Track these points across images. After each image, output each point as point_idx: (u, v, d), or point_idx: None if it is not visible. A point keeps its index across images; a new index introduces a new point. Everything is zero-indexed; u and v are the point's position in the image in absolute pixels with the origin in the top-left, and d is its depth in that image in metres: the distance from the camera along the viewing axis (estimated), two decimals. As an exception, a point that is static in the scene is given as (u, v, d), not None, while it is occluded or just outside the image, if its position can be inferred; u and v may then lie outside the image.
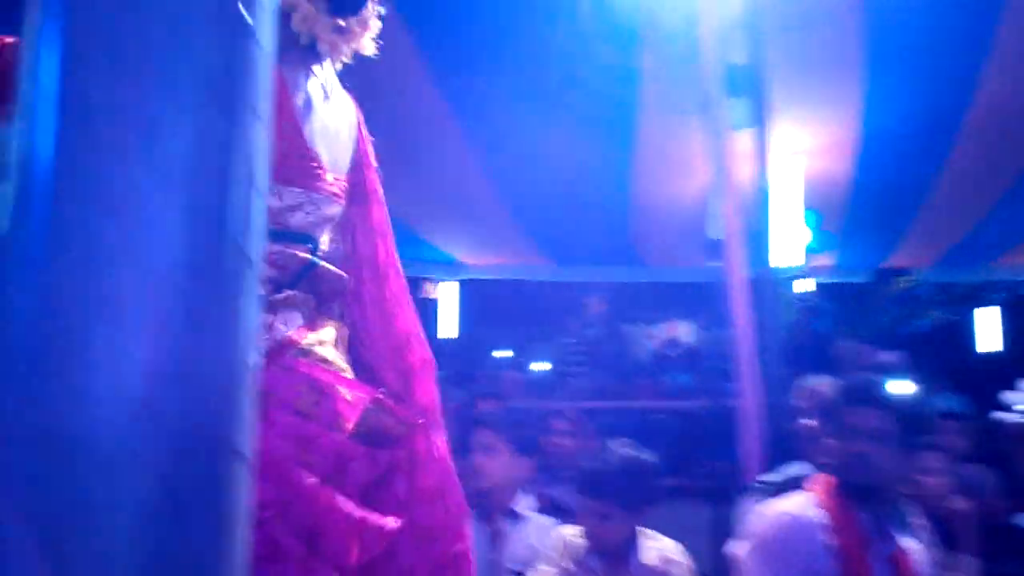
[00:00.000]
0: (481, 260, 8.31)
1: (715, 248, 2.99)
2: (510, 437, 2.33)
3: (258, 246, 0.50)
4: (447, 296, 7.73)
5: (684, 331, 7.02)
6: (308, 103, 1.21)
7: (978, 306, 6.71)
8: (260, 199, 0.50)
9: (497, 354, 7.58)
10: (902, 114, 4.48)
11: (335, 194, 1.25)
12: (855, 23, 3.67)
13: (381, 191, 1.36)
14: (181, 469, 0.45)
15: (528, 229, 7.18)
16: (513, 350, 7.75)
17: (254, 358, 0.50)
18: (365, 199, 1.32)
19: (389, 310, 1.30)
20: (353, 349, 1.26)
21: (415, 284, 7.97)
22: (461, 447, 2.51)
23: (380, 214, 1.33)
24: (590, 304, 7.53)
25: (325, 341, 1.19)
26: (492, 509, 2.31)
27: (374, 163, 1.35)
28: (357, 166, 1.32)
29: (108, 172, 0.45)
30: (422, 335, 1.33)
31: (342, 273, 1.25)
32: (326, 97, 1.26)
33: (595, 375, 5.99)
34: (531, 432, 2.54)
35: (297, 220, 1.19)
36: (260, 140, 0.51)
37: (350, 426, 1.10)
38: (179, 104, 0.46)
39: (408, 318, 1.31)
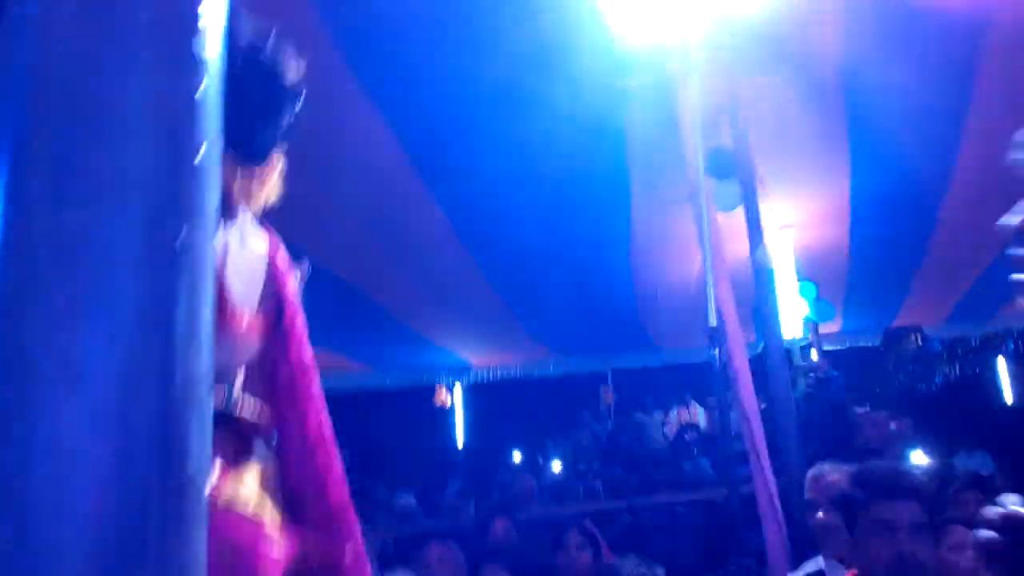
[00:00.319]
0: (489, 361, 8.28)
1: (717, 335, 2.95)
2: (520, 563, 2.25)
3: (210, 271, 0.49)
4: (457, 401, 7.64)
5: (699, 414, 6.89)
6: (225, 250, 1.22)
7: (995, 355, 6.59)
8: (211, 234, 0.48)
9: (512, 459, 7.40)
10: (889, 179, 4.54)
11: (248, 336, 1.24)
12: (836, 99, 3.76)
13: (301, 324, 1.35)
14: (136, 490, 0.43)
15: (533, 326, 7.19)
16: (526, 450, 7.59)
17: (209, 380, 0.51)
18: (284, 335, 1.30)
19: (309, 447, 1.27)
20: (282, 481, 1.24)
21: (428, 393, 7.90)
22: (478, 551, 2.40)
23: (300, 348, 1.32)
24: (601, 395, 7.43)
25: (247, 486, 1.15)
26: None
27: (293, 297, 1.34)
28: (272, 301, 1.31)
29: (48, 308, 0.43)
30: (342, 477, 1.29)
31: (262, 410, 1.23)
32: (242, 243, 1.27)
33: (611, 473, 5.83)
34: (544, 550, 2.44)
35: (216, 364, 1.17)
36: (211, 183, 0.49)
37: None
38: (125, 233, 0.45)
39: (328, 456, 1.28)
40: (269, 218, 1.37)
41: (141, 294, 0.45)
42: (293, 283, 1.36)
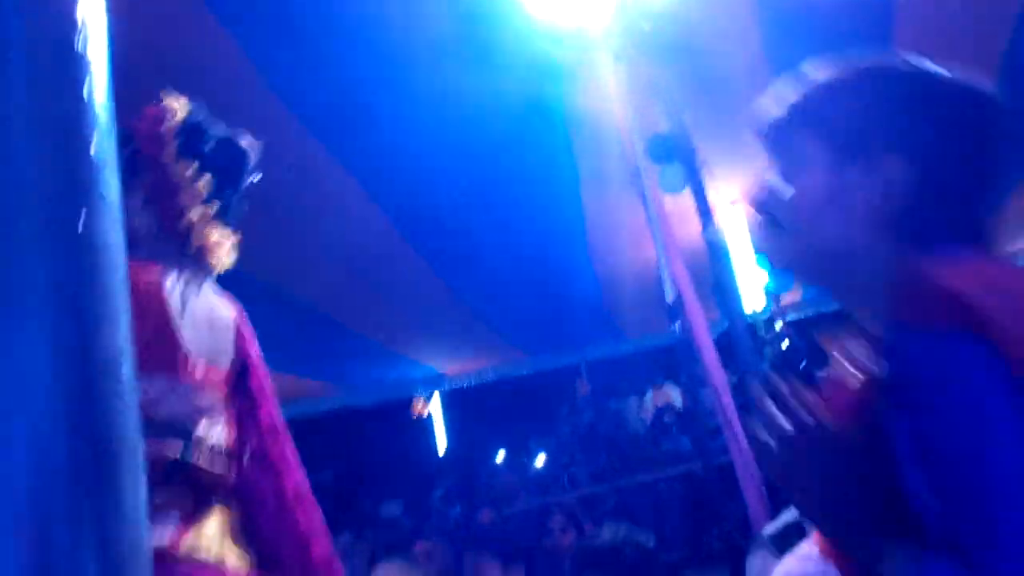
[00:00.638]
0: (462, 367, 8.31)
1: (675, 311, 3.03)
2: (503, 547, 2.31)
3: (126, 335, 0.51)
4: (435, 410, 7.66)
5: (676, 395, 6.99)
6: (181, 297, 1.26)
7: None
8: (120, 283, 0.51)
9: (496, 459, 7.46)
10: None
11: (204, 383, 1.26)
12: (763, 73, 3.87)
13: (270, 390, 1.39)
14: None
15: (500, 327, 7.24)
16: (508, 450, 7.63)
17: (136, 459, 0.51)
18: (252, 397, 1.34)
19: (288, 507, 1.30)
20: (249, 538, 1.26)
21: (406, 405, 7.93)
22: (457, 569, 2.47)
23: (270, 412, 1.36)
24: (576, 388, 7.50)
25: (207, 536, 1.18)
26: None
27: (259, 362, 1.39)
28: (238, 363, 1.35)
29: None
30: (325, 532, 1.33)
31: (221, 466, 1.25)
32: (197, 294, 1.31)
33: (593, 460, 5.90)
34: (526, 534, 2.50)
35: (164, 412, 1.18)
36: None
37: None
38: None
39: (309, 514, 1.31)
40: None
41: (48, 279, 0.47)
42: (257, 350, 1.41)
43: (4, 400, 0.47)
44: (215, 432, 1.26)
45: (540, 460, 7.05)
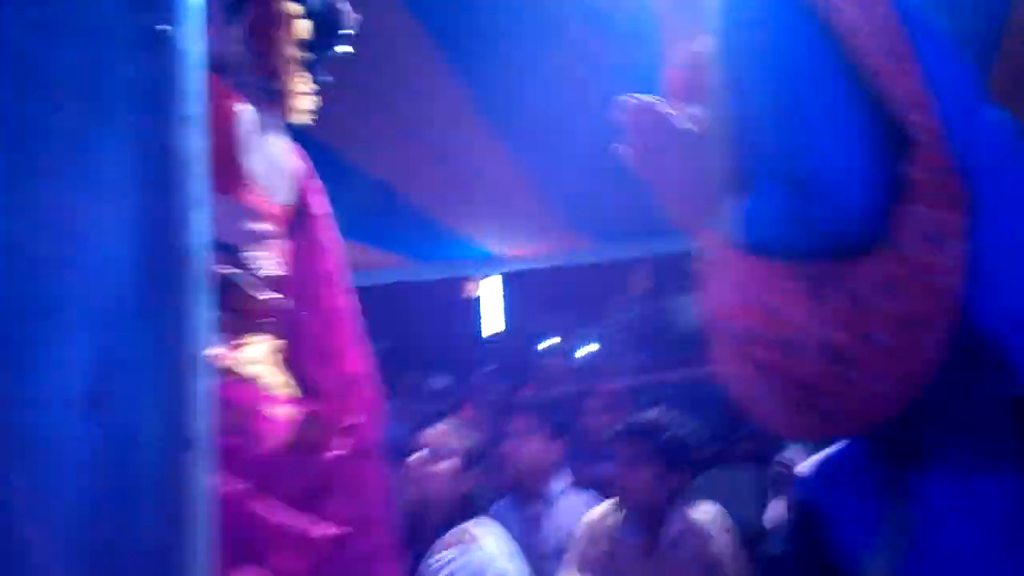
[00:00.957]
0: (521, 251, 8.32)
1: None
2: (544, 422, 2.36)
3: (200, 242, 0.53)
4: (490, 292, 7.76)
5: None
6: (252, 127, 1.28)
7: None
8: (198, 198, 0.53)
9: (544, 344, 7.60)
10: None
11: (263, 211, 1.28)
12: None
13: (332, 238, 1.41)
14: (129, 461, 0.47)
15: (565, 211, 7.17)
16: (561, 337, 7.74)
17: (204, 350, 0.53)
18: (312, 245, 1.37)
19: (336, 353, 1.34)
20: (293, 372, 1.29)
21: (455, 284, 8.06)
22: (497, 437, 2.55)
23: (327, 262, 1.38)
24: (635, 280, 7.47)
25: (250, 357, 1.21)
26: (527, 494, 2.34)
27: (322, 213, 1.41)
28: (298, 211, 1.38)
29: (42, 189, 0.48)
30: (374, 378, 1.37)
31: (274, 295, 1.28)
32: (267, 133, 1.33)
33: (640, 351, 5.96)
34: (567, 414, 2.57)
35: (218, 230, 1.20)
36: (194, 145, 0.53)
37: (273, 441, 1.13)
38: (106, 119, 0.49)
39: (359, 361, 1.36)
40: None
41: (132, 79, 0.50)
42: (323, 205, 1.42)
43: (87, 194, 0.48)
44: (265, 261, 1.30)
45: (588, 348, 7.16)
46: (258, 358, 1.23)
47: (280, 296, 1.30)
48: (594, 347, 7.18)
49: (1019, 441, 0.74)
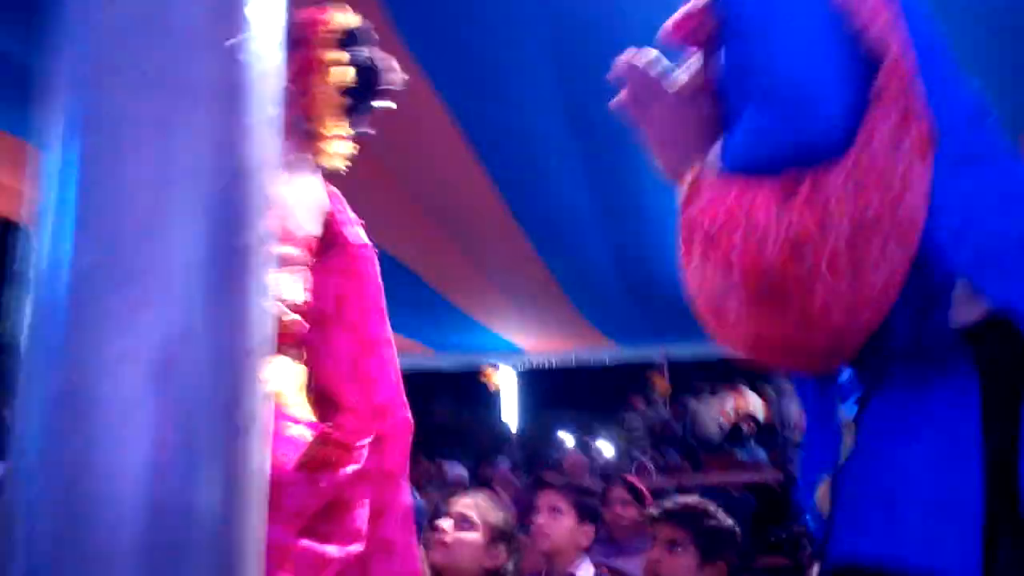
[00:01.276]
0: (542, 346, 8.34)
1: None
2: (573, 503, 2.30)
3: (265, 231, 0.55)
4: (509, 384, 7.74)
5: (755, 402, 6.81)
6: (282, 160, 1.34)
7: None
8: (267, 190, 0.56)
9: (563, 437, 7.48)
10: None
11: (287, 238, 1.32)
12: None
13: (370, 269, 1.44)
14: (190, 430, 0.48)
15: (589, 312, 7.22)
16: (577, 435, 7.63)
17: (264, 334, 0.54)
18: (349, 275, 1.41)
19: (370, 380, 1.36)
20: (325, 393, 1.31)
21: (482, 375, 8.05)
22: (525, 515, 2.48)
23: (367, 290, 1.41)
24: (653, 382, 7.41)
25: (271, 377, 1.24)
26: (553, 574, 2.26)
27: (355, 244, 1.45)
28: (328, 243, 1.42)
29: (129, 171, 0.51)
30: (403, 401, 1.38)
31: (292, 319, 1.30)
32: (294, 168, 1.38)
33: (664, 455, 5.84)
34: (593, 502, 2.49)
35: None
36: (268, 140, 0.56)
37: (285, 459, 1.13)
38: (186, 114, 0.53)
39: (392, 388, 1.38)
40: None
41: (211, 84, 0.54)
42: (356, 236, 1.46)
43: (167, 179, 0.52)
44: (288, 286, 1.31)
45: (609, 448, 7.03)
46: (278, 378, 1.24)
47: (301, 320, 1.31)
48: (611, 447, 7.04)
49: (968, 367, 0.76)
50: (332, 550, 1.13)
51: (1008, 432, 0.71)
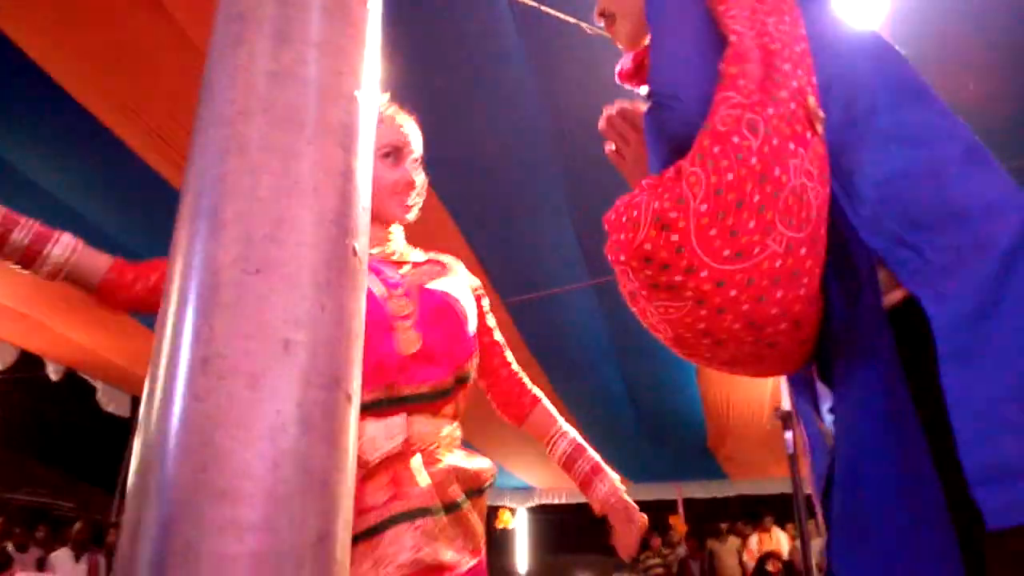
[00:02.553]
0: (555, 484, 8.16)
1: (788, 419, 2.97)
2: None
3: (364, 243, 0.66)
4: (520, 524, 7.51)
5: (780, 538, 6.56)
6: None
7: None
8: (366, 212, 0.66)
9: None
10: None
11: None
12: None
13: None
14: (308, 397, 0.56)
15: (603, 451, 7.13)
16: (596, 574, 7.31)
17: (361, 324, 0.63)
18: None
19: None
20: None
21: (491, 513, 7.84)
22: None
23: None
24: (671, 523, 7.19)
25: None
26: None
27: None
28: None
29: (262, 187, 0.62)
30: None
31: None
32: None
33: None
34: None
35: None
36: (365, 169, 0.68)
37: None
38: (313, 144, 0.64)
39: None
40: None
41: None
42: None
43: (288, 193, 0.61)
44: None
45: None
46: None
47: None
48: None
49: (890, 352, 0.77)
50: None
51: (936, 411, 0.73)
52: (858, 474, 0.80)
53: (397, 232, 1.57)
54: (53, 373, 6.77)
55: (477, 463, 1.47)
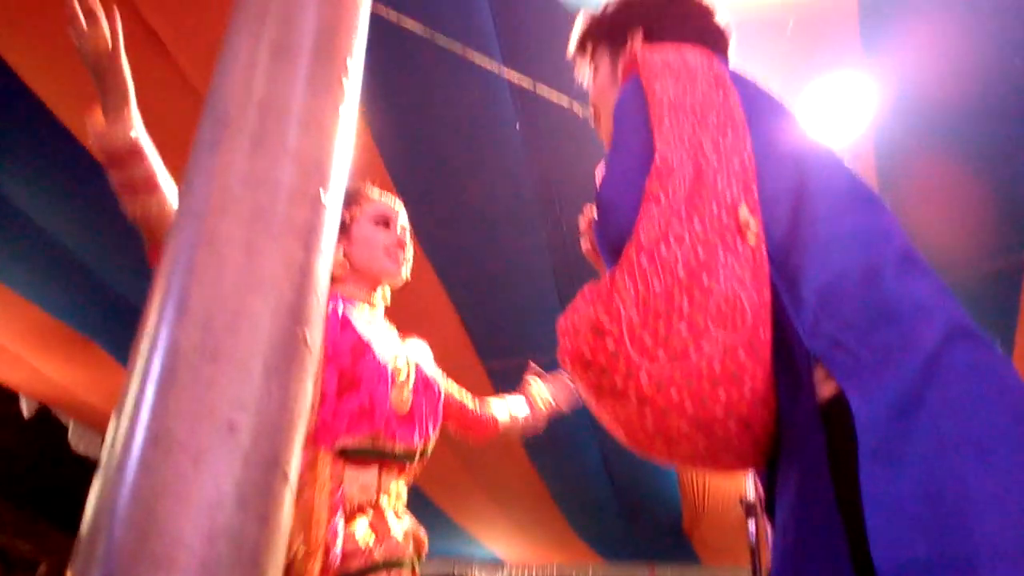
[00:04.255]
0: (526, 558, 8.01)
1: (752, 510, 2.98)
2: None
3: (317, 332, 0.72)
4: (490, 596, 7.34)
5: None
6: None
7: None
8: (320, 301, 0.73)
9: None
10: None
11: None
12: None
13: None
14: (246, 477, 0.61)
15: (575, 526, 7.05)
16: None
17: (304, 407, 0.69)
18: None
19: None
20: None
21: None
22: None
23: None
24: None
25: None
26: None
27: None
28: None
29: (225, 279, 0.68)
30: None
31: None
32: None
33: None
34: None
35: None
36: (324, 264, 0.75)
37: None
38: (275, 241, 0.71)
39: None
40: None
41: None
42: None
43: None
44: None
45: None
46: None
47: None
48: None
49: (821, 449, 0.80)
50: None
51: (857, 509, 0.75)
52: (785, 574, 0.83)
53: (382, 297, 1.70)
54: (26, 409, 6.69)
55: (422, 531, 1.57)
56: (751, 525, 2.97)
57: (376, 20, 0.85)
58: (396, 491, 1.54)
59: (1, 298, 4.46)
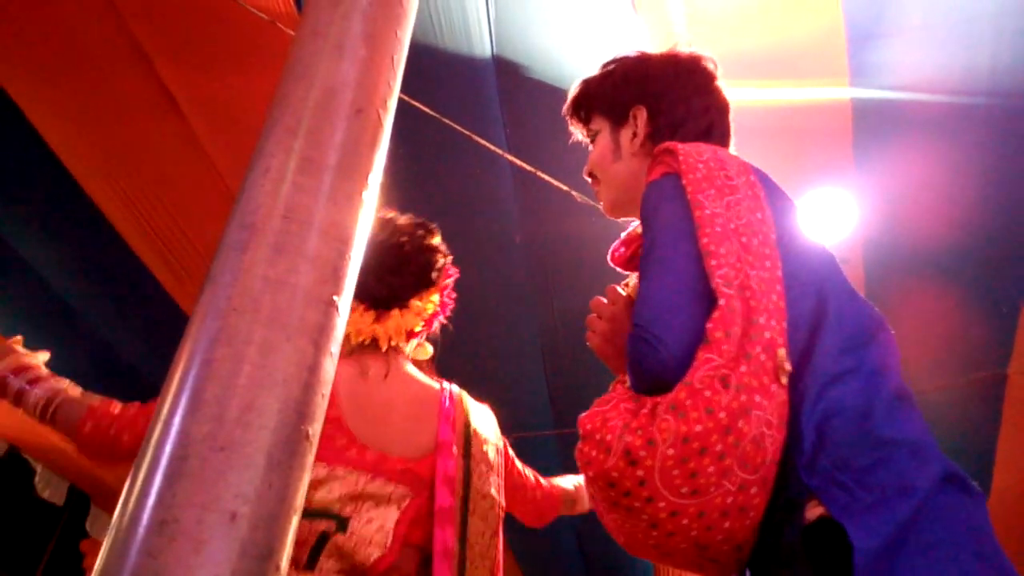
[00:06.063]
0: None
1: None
2: None
3: (317, 427, 0.77)
4: None
5: None
6: (353, 381, 1.51)
7: None
8: (324, 399, 0.78)
9: None
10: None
11: (372, 471, 1.42)
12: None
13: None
14: (242, 566, 0.65)
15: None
16: None
17: (300, 499, 0.73)
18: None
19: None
20: None
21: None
22: None
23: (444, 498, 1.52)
24: None
25: None
26: None
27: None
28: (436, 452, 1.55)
29: (240, 376, 0.73)
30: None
31: (377, 549, 1.37)
32: (383, 378, 1.57)
33: None
34: None
35: (319, 496, 1.36)
36: (331, 363, 0.80)
37: None
38: (286, 343, 0.77)
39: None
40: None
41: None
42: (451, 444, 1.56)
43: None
44: (376, 516, 1.38)
45: None
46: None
47: (397, 548, 1.48)
48: None
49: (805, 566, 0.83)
50: None
51: None
52: None
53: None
54: (-3, 448, 6.55)
55: None
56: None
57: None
58: None
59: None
